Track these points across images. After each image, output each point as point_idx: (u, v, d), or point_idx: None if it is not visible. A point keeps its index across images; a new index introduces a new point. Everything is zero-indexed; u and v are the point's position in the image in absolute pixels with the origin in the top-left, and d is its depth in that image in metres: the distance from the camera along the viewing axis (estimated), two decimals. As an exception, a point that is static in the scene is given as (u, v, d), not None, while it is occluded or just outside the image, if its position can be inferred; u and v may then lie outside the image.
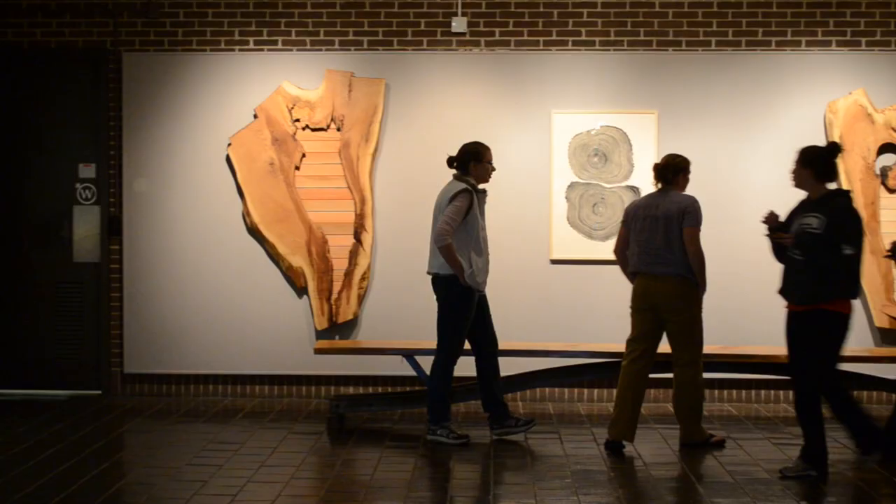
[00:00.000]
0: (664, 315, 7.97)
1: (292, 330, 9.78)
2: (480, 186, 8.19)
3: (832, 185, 7.26)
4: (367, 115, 9.69)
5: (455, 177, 8.19)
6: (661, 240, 7.90)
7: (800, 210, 7.25)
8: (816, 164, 7.17)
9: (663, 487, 6.91)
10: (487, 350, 8.32)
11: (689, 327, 7.97)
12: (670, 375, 9.41)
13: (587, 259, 9.71)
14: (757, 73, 9.71)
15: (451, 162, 8.23)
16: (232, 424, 8.81)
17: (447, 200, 8.02)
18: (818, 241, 6.99)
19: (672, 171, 8.07)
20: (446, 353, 8.18)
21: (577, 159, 9.68)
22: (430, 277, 8.23)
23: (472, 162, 8.15)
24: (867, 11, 9.77)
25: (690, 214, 7.90)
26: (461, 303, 8.08)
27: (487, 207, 8.84)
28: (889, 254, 7.71)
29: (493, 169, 8.27)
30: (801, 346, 7.13)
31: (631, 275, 8.16)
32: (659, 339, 8.10)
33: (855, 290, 7.09)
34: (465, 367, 9.16)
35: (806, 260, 7.05)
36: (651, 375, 9.39)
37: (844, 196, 7.18)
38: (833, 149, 7.20)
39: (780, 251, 7.34)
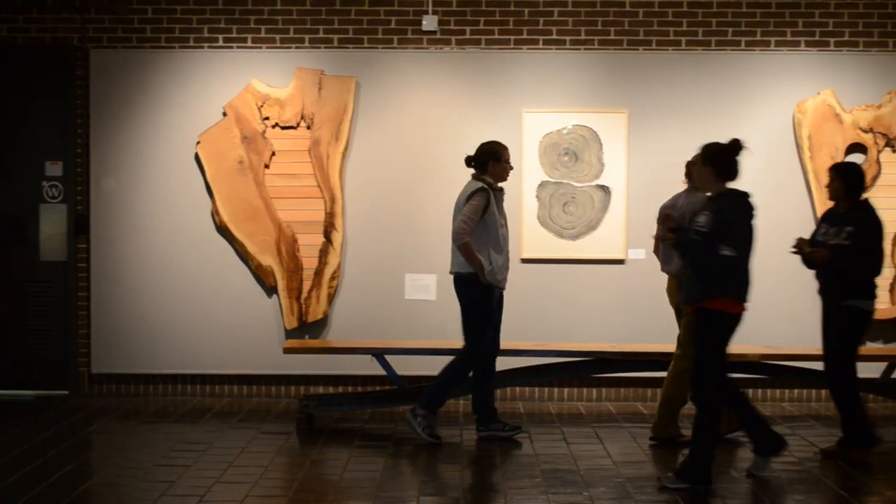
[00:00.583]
0: (678, 315, 8.13)
1: (261, 329, 9.73)
2: (498, 185, 8.19)
3: (733, 184, 7.10)
4: (337, 114, 9.65)
5: (473, 176, 8.18)
6: None
7: (701, 208, 7.18)
8: (717, 161, 7.03)
9: (632, 486, 6.91)
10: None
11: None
12: (642, 375, 9.48)
13: (558, 258, 9.71)
14: (727, 73, 9.73)
15: (469, 161, 8.21)
16: (200, 424, 8.76)
17: (464, 200, 8.01)
18: (703, 238, 6.87)
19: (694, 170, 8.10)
20: (472, 351, 8.13)
21: (548, 158, 9.68)
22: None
23: (491, 161, 8.15)
24: (836, 12, 9.81)
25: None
26: (482, 301, 8.06)
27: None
28: (795, 250, 7.61)
29: (511, 168, 8.28)
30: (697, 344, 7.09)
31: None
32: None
33: (739, 289, 6.91)
34: (425, 366, 9.16)
35: (688, 259, 7.05)
36: (624, 375, 9.47)
37: (738, 196, 7.02)
38: (734, 146, 7.07)
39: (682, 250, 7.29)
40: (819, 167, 9.62)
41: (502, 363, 9.01)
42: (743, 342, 9.25)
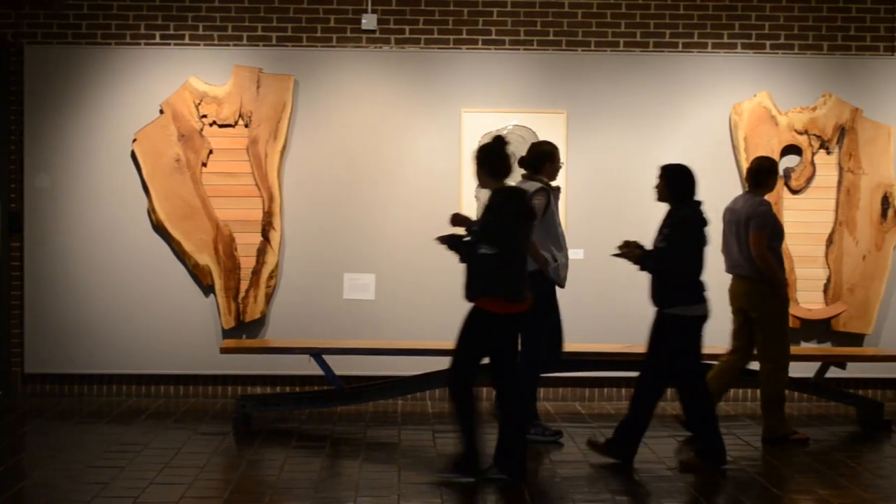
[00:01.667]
0: (750, 315, 8.27)
1: (198, 329, 9.65)
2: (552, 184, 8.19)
3: (509, 182, 7.22)
4: (275, 112, 9.60)
5: (525, 177, 8.14)
6: (737, 242, 8.24)
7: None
8: (486, 161, 7.12)
9: (569, 486, 6.94)
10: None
11: (767, 326, 8.20)
12: (580, 374, 9.54)
13: (496, 258, 9.70)
14: (664, 75, 9.80)
15: (522, 162, 8.16)
16: (136, 425, 8.68)
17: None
18: (474, 237, 6.97)
19: (753, 175, 8.31)
20: (532, 352, 8.07)
21: (487, 158, 9.67)
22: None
23: (548, 163, 8.14)
24: (771, 15, 9.92)
25: (755, 219, 8.15)
26: (543, 299, 7.96)
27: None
28: (619, 253, 7.61)
29: (561, 167, 8.30)
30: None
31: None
32: (751, 337, 8.34)
33: (499, 288, 6.90)
34: (364, 365, 9.16)
35: (461, 258, 7.13)
36: (561, 375, 9.50)
37: (508, 193, 7.08)
38: (497, 143, 7.15)
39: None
40: (755, 168, 9.70)
41: (444, 363, 8.99)
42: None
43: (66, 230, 9.64)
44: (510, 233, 6.92)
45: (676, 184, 7.43)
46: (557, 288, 8.16)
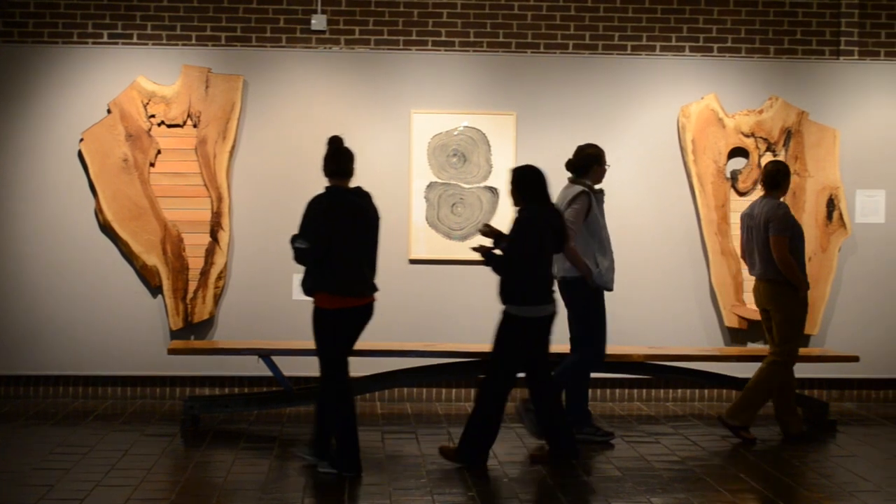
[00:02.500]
0: (766, 316, 8.51)
1: (146, 330, 9.58)
2: (596, 186, 8.18)
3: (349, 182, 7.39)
4: (224, 112, 9.56)
5: (571, 180, 8.13)
6: (757, 246, 8.38)
7: None
8: (327, 163, 7.35)
9: (517, 486, 6.96)
10: (588, 356, 8.23)
11: (785, 325, 8.35)
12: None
13: (446, 259, 9.74)
14: (613, 77, 9.86)
15: (568, 165, 8.15)
16: (82, 427, 8.60)
17: (566, 204, 7.96)
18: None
19: (771, 178, 8.47)
20: (588, 354, 8.10)
21: (437, 159, 9.70)
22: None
23: (596, 165, 8.14)
24: (719, 18, 10.01)
25: (774, 223, 8.29)
26: (593, 303, 8.04)
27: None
28: (476, 247, 7.58)
29: (607, 169, 8.32)
30: None
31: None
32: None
33: (325, 283, 7.07)
34: (313, 366, 9.13)
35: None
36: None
37: (327, 192, 7.27)
38: (330, 144, 7.41)
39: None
40: (703, 171, 9.79)
41: (390, 364, 9.02)
42: (626, 343, 9.45)
43: (11, 230, 9.54)
44: (322, 229, 7.06)
45: (519, 186, 7.48)
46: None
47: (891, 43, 10.14)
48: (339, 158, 7.30)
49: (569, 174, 8.21)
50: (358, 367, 9.03)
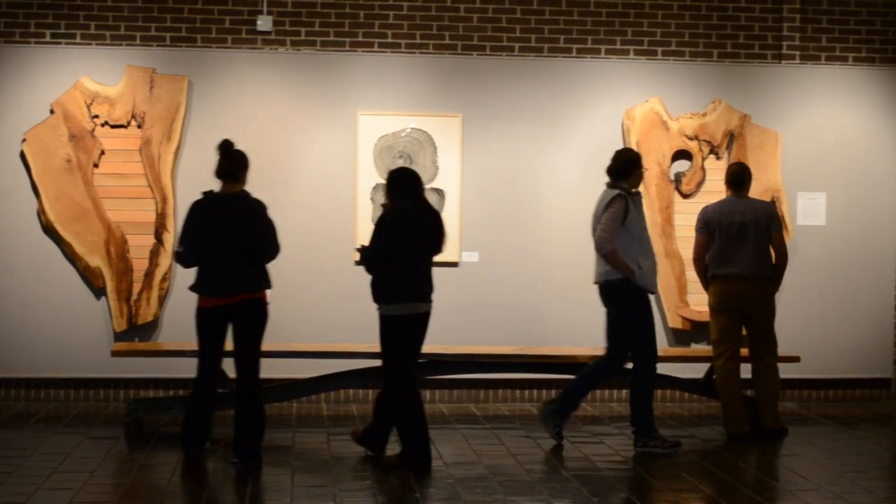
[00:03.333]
0: (752, 313, 8.53)
1: (90, 332, 9.50)
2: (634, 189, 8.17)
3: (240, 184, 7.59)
4: (169, 113, 9.51)
5: (608, 185, 8.12)
6: (751, 243, 8.42)
7: None
8: (216, 167, 7.57)
9: (462, 487, 6.98)
10: (645, 362, 8.17)
11: (771, 323, 8.62)
12: (475, 376, 9.60)
13: (392, 260, 9.72)
14: (559, 80, 9.91)
15: (610, 170, 8.14)
16: (24, 430, 8.52)
17: (602, 208, 7.96)
18: None
19: (739, 178, 8.66)
20: (641, 360, 8.06)
21: (383, 161, 9.70)
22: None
23: (636, 169, 8.13)
24: (663, 22, 10.09)
25: (775, 219, 8.52)
26: (638, 306, 8.00)
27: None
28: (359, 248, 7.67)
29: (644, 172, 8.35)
30: None
31: (710, 278, 8.62)
32: (742, 336, 8.60)
33: (198, 284, 7.47)
34: (268, 368, 9.10)
35: None
36: (456, 376, 9.55)
37: (202, 196, 7.55)
38: (219, 148, 7.62)
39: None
40: (647, 173, 9.85)
41: (336, 365, 9.00)
42: (572, 344, 9.51)
43: (-48, 231, 9.44)
44: (191, 232, 7.43)
45: (388, 188, 7.55)
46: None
47: (831, 47, 10.27)
48: (223, 162, 7.54)
49: (607, 179, 8.19)
50: (305, 369, 9.06)
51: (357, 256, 7.60)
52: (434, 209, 7.65)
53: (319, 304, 9.63)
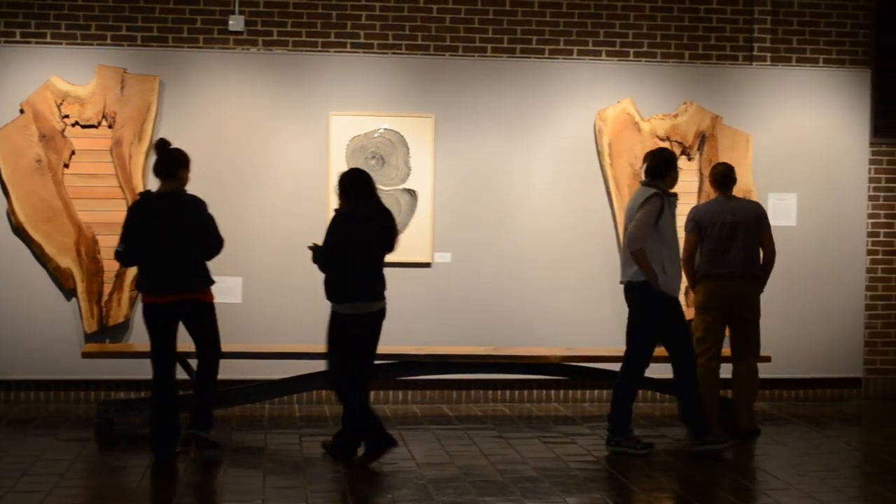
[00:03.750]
0: (741, 313, 8.56)
1: (60, 333, 9.45)
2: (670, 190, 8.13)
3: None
4: (140, 113, 9.46)
5: (644, 183, 8.07)
6: (741, 243, 8.44)
7: None
8: (155, 164, 7.83)
9: (434, 488, 6.98)
10: (682, 363, 8.15)
11: (757, 322, 8.69)
12: (447, 377, 9.60)
13: (364, 261, 9.71)
14: (531, 80, 9.92)
15: (648, 170, 8.08)
16: (-6, 432, 8.48)
17: (638, 206, 7.90)
18: None
19: (725, 177, 8.68)
20: (633, 361, 8.06)
21: (355, 161, 9.68)
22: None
23: (673, 169, 8.08)
24: (635, 23, 10.12)
25: (766, 218, 8.59)
26: (654, 309, 7.94)
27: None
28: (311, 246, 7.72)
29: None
30: None
31: (700, 278, 8.62)
32: (724, 336, 8.64)
33: (140, 282, 7.72)
34: (230, 369, 9.09)
35: None
36: (429, 377, 9.55)
37: (140, 196, 7.85)
38: (156, 147, 7.86)
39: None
40: (619, 174, 9.90)
41: (306, 366, 8.97)
42: (543, 344, 9.54)
43: (-80, 232, 9.37)
44: (133, 231, 7.60)
45: (340, 188, 7.59)
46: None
47: (802, 49, 10.33)
48: (160, 161, 7.75)
49: (643, 178, 8.17)
50: (277, 370, 9.04)
51: (311, 255, 7.62)
52: (386, 209, 7.66)
53: (290, 304, 9.61)
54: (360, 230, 7.44)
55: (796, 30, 10.34)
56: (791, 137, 10.18)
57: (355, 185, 7.55)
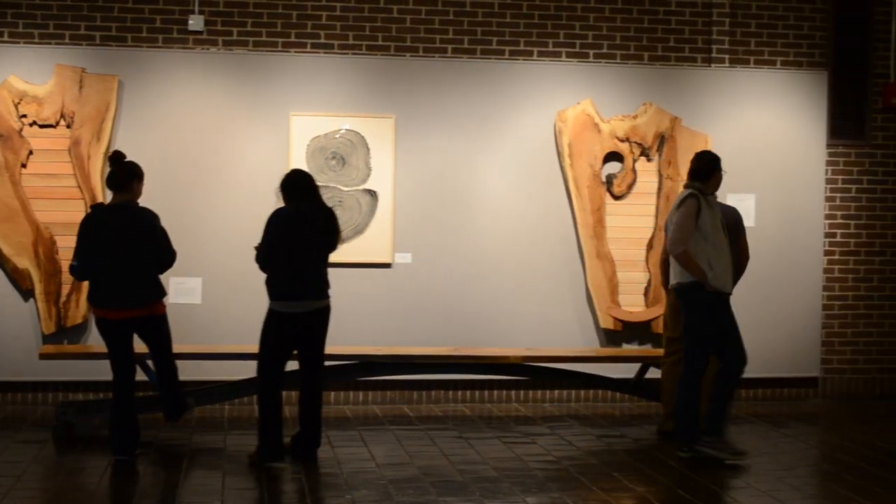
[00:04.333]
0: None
1: (17, 334, 9.37)
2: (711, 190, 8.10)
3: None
4: (98, 113, 9.41)
5: (686, 185, 8.08)
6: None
7: None
8: (108, 176, 7.75)
9: (394, 488, 6.98)
10: (730, 361, 8.01)
11: None
12: (408, 377, 9.60)
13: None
14: (492, 81, 9.94)
15: (694, 173, 8.05)
16: (-50, 434, 8.41)
17: (676, 207, 7.92)
18: None
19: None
20: (690, 364, 7.96)
21: (316, 162, 9.67)
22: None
23: (716, 170, 8.06)
24: (595, 25, 10.16)
25: (742, 224, 8.61)
26: (706, 308, 7.89)
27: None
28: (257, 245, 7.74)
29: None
30: None
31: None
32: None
33: (90, 296, 7.68)
34: (189, 370, 9.06)
35: None
36: (389, 377, 9.55)
37: (92, 209, 7.85)
38: (110, 158, 7.75)
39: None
40: (579, 174, 9.93)
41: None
42: (504, 345, 9.56)
43: None
44: (84, 242, 7.51)
45: (282, 187, 7.60)
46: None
47: (760, 51, 10.41)
48: (113, 173, 7.68)
49: (687, 180, 8.17)
50: (237, 371, 9.01)
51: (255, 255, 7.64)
52: (328, 209, 7.67)
53: (250, 305, 9.52)
54: (298, 229, 7.45)
55: (754, 32, 10.42)
56: (749, 139, 10.26)
57: (296, 186, 7.57)
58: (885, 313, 10.62)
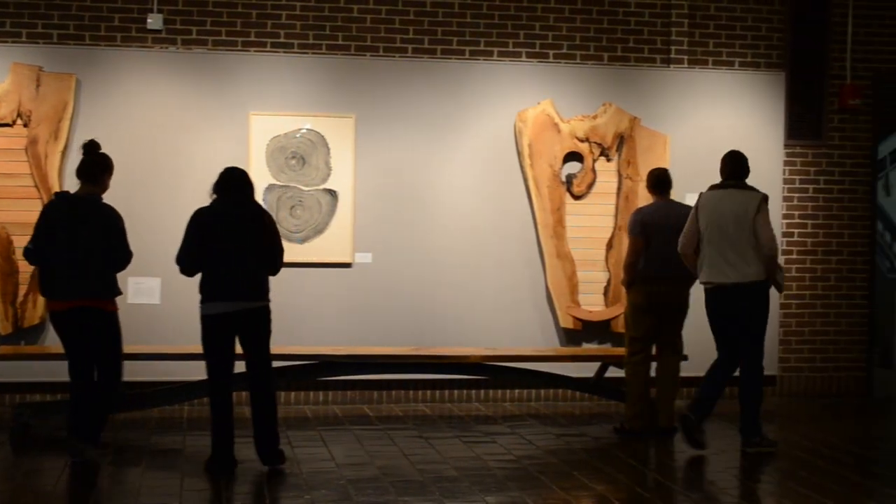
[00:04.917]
0: (673, 314, 8.67)
1: (-26, 335, 9.30)
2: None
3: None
4: (56, 112, 9.34)
5: (736, 186, 8.12)
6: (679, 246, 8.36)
7: None
8: (79, 165, 7.65)
9: (353, 488, 6.97)
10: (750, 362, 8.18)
11: (683, 321, 8.80)
12: (368, 377, 9.59)
13: (285, 262, 9.65)
14: (452, 81, 9.95)
15: (737, 174, 8.15)
16: None
17: (755, 209, 7.94)
18: None
19: (670, 182, 8.78)
20: (760, 359, 8.12)
21: (275, 162, 9.65)
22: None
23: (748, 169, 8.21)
24: (555, 25, 10.20)
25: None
26: (768, 308, 8.13)
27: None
28: None
29: None
30: None
31: (643, 279, 8.57)
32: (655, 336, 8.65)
33: (40, 285, 7.62)
34: (148, 371, 9.02)
35: None
36: (349, 378, 9.54)
37: (55, 197, 7.79)
38: (84, 146, 7.67)
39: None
40: (539, 174, 9.96)
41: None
42: (464, 344, 9.57)
43: None
44: (41, 234, 7.48)
45: (214, 186, 7.48)
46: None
47: (718, 52, 10.48)
48: (85, 162, 7.60)
49: (734, 181, 8.21)
50: (196, 371, 8.95)
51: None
52: (258, 207, 7.48)
53: (211, 305, 9.52)
54: (218, 228, 7.27)
55: (712, 33, 10.49)
56: (708, 139, 10.31)
57: (221, 184, 7.39)
58: (841, 312, 10.71)
